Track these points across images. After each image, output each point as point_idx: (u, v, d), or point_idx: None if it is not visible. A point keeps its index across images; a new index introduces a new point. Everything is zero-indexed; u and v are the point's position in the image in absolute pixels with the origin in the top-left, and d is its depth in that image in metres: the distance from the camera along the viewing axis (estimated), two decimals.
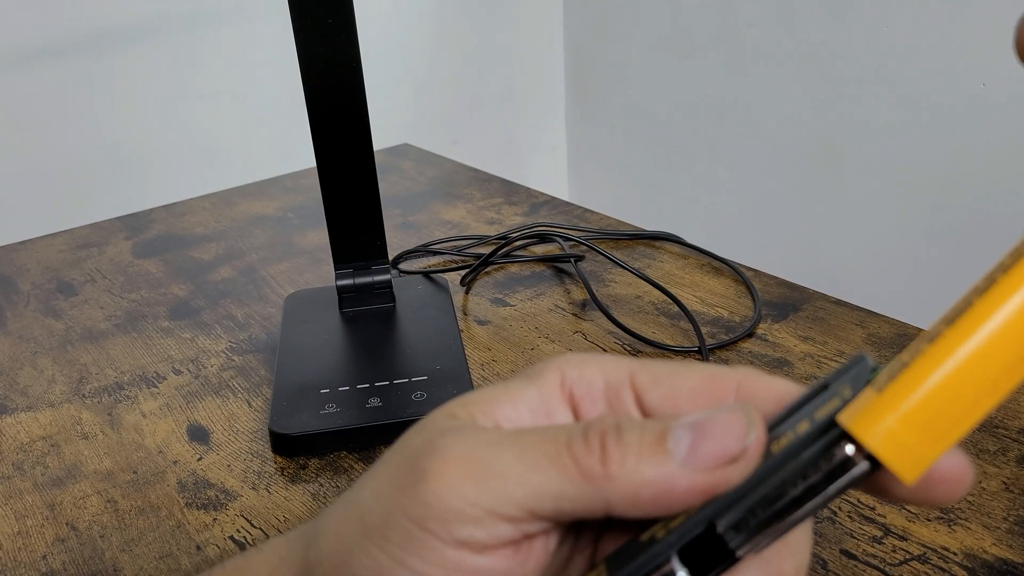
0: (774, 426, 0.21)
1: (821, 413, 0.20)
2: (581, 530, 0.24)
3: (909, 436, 0.19)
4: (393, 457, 0.23)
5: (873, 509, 0.41)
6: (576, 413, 0.24)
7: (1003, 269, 0.18)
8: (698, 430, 0.21)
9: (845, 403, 0.20)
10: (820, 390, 0.21)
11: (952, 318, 0.19)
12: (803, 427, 0.21)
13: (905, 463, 0.19)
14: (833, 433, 0.20)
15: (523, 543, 0.22)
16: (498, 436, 0.22)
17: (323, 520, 0.24)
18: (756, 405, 0.22)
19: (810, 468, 0.20)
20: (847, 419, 0.19)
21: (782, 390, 0.23)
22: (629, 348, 0.56)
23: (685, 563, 0.21)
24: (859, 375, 0.21)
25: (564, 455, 0.21)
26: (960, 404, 0.19)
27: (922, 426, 0.19)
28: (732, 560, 0.21)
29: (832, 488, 0.20)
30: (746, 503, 0.20)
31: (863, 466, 0.19)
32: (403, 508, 0.21)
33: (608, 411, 0.24)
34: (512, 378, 0.25)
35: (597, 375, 0.24)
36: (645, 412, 0.24)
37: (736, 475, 0.21)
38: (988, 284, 0.18)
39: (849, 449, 0.19)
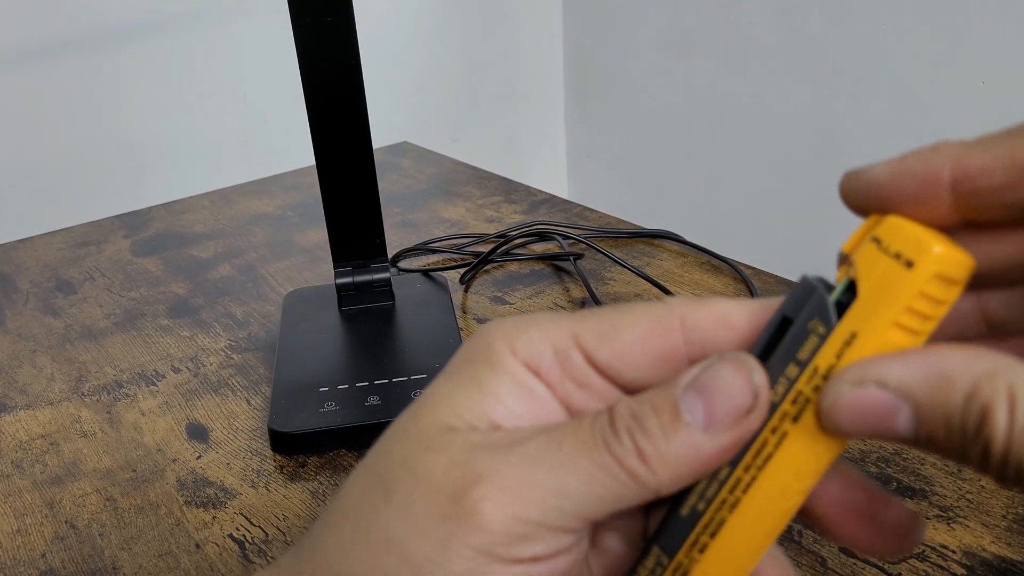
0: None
1: (803, 353, 0.21)
2: None
3: None
4: (415, 486, 0.22)
5: None
6: (543, 382, 0.24)
7: (743, 488, 0.22)
8: (706, 393, 0.21)
9: (823, 340, 0.21)
10: (783, 323, 0.22)
11: (713, 531, 0.22)
12: (794, 371, 0.21)
13: None
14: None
15: (577, 541, 0.23)
16: (537, 449, 0.22)
17: (337, 564, 0.23)
18: (703, 334, 0.23)
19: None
20: None
21: (722, 310, 0.23)
22: None
23: None
24: (819, 305, 0.21)
25: (610, 461, 0.21)
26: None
27: None
28: None
29: None
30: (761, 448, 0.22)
31: None
32: (461, 539, 0.21)
33: (563, 375, 0.24)
34: (465, 368, 0.24)
35: (543, 343, 0.24)
36: (597, 368, 0.24)
37: (755, 422, 0.22)
38: (734, 501, 0.22)
39: None
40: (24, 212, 0.96)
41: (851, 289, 0.21)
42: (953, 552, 0.38)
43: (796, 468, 0.21)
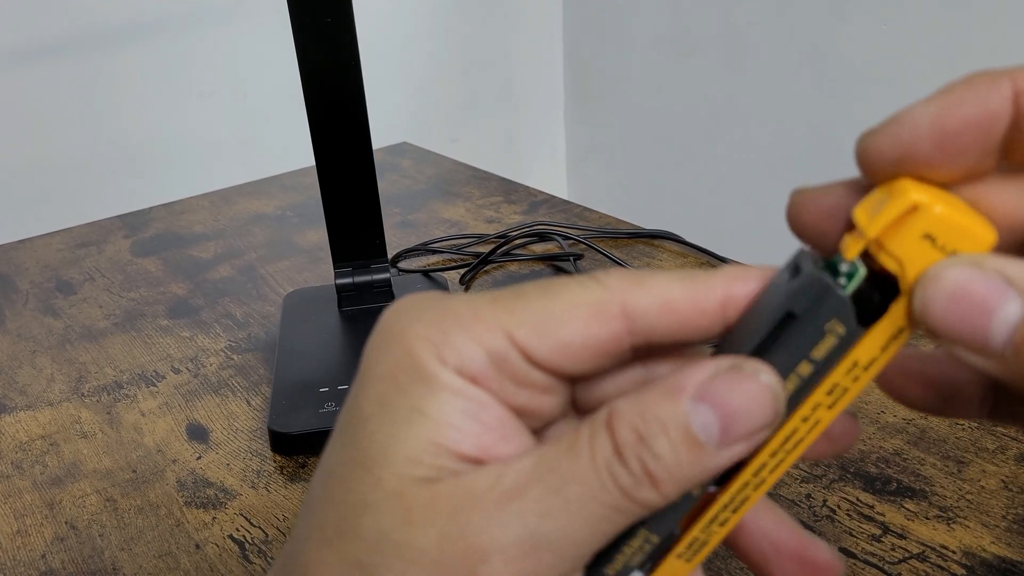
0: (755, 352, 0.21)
1: (818, 353, 0.20)
2: None
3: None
4: (406, 569, 0.20)
5: (872, 507, 0.41)
6: (482, 388, 0.22)
7: (770, 469, 0.21)
8: (720, 408, 0.20)
9: (842, 340, 0.20)
10: (785, 318, 0.21)
11: (736, 507, 0.22)
12: (807, 369, 0.21)
13: None
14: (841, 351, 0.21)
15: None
16: (538, 505, 0.20)
17: None
18: (646, 322, 0.21)
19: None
20: None
21: (663, 295, 0.21)
22: None
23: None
24: (833, 303, 0.20)
25: (620, 499, 0.20)
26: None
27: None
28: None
29: None
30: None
31: None
32: None
33: (501, 377, 0.21)
34: (390, 395, 0.21)
35: (473, 347, 0.21)
36: (538, 365, 0.21)
37: (768, 435, 0.21)
38: (760, 481, 0.22)
39: None
40: (24, 212, 0.96)
41: (874, 282, 0.20)
42: (953, 552, 0.38)
43: None
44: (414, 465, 0.20)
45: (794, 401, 0.21)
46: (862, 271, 0.20)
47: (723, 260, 0.66)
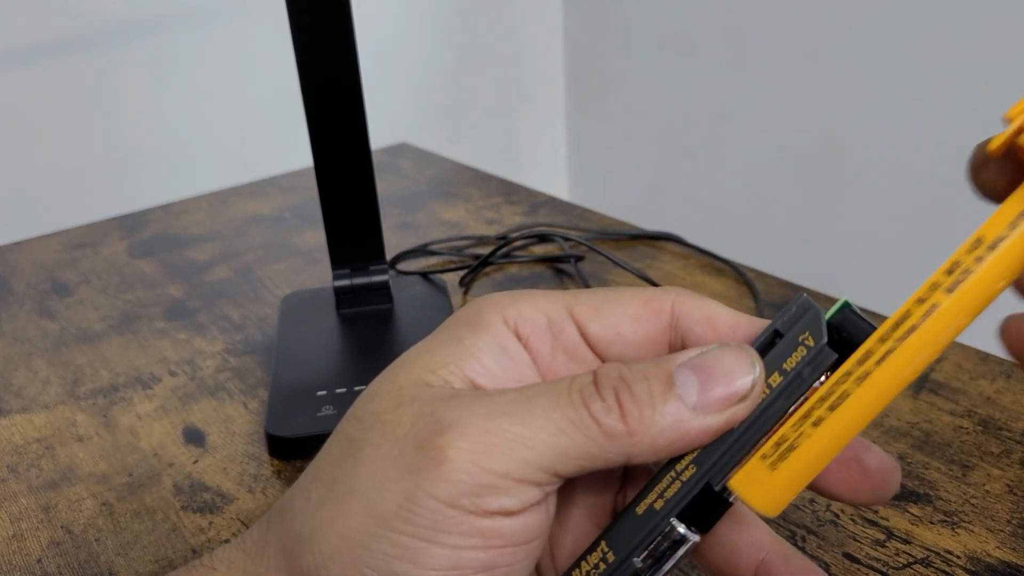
0: None
1: (789, 364, 0.22)
2: None
3: (783, 495, 0.22)
4: (383, 440, 0.22)
5: (876, 512, 0.41)
6: (529, 351, 0.24)
7: (876, 360, 0.20)
8: (703, 373, 0.21)
9: (810, 351, 0.21)
10: (773, 337, 0.22)
11: (834, 403, 0.21)
12: (776, 380, 0.22)
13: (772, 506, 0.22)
14: (802, 388, 0.22)
15: (545, 497, 0.23)
16: (507, 402, 0.21)
17: (301, 524, 0.22)
18: (689, 325, 0.24)
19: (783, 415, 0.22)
20: (746, 491, 0.22)
21: (710, 310, 0.24)
22: None
23: (683, 520, 0.22)
24: (811, 320, 0.22)
25: (586, 417, 0.21)
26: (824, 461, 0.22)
27: (796, 484, 0.22)
28: (728, 505, 0.22)
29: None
30: (736, 457, 0.22)
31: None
32: (426, 490, 0.21)
33: (555, 345, 0.24)
34: (448, 329, 0.24)
35: (537, 312, 0.24)
36: (588, 341, 0.24)
37: (743, 412, 0.22)
38: (864, 374, 0.21)
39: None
40: (19, 214, 0.96)
41: (846, 312, 0.21)
42: (958, 557, 0.38)
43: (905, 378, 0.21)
44: (428, 372, 0.23)
45: (763, 408, 0.22)
46: (843, 300, 0.22)
47: (725, 262, 0.65)
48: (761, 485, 0.21)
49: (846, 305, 0.22)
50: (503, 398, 0.22)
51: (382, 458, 0.22)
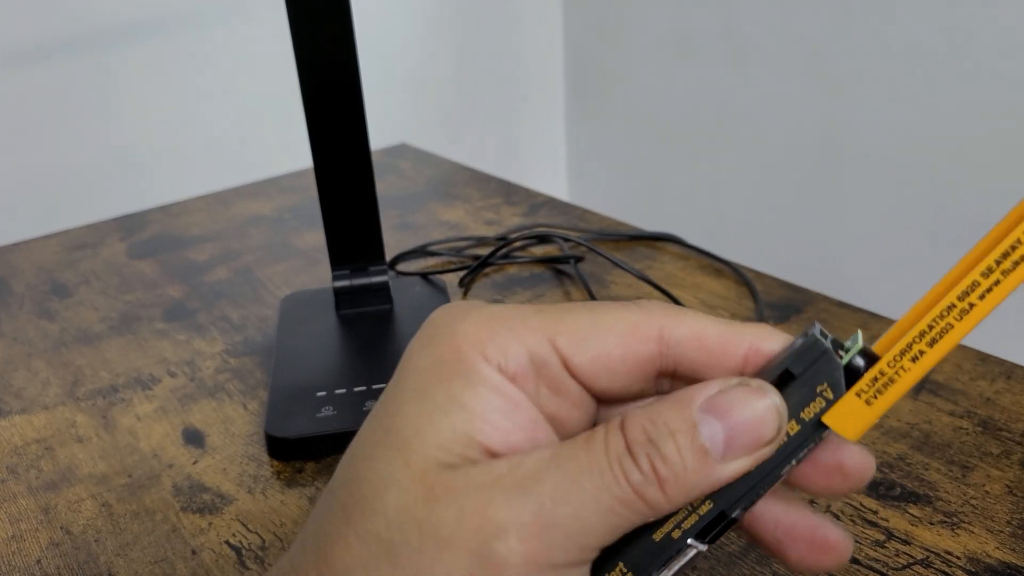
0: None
1: (808, 414, 0.22)
2: None
3: (870, 422, 0.23)
4: (423, 543, 0.20)
5: (876, 513, 0.41)
6: (520, 388, 0.23)
7: (980, 294, 0.21)
8: (726, 419, 0.21)
9: (830, 404, 0.22)
10: (786, 377, 0.23)
11: (934, 338, 0.21)
12: (793, 428, 0.23)
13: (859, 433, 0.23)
14: (820, 431, 0.23)
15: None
16: (554, 488, 0.21)
17: None
18: (679, 350, 0.23)
19: (802, 458, 0.23)
20: (839, 425, 0.23)
21: (696, 327, 0.23)
22: None
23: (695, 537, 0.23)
24: (826, 368, 0.22)
25: (630, 493, 0.21)
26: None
27: (881, 412, 0.23)
28: (733, 521, 0.23)
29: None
30: (753, 492, 0.23)
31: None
32: None
33: (538, 381, 0.23)
34: (438, 387, 0.22)
35: (519, 348, 0.23)
36: (573, 373, 0.23)
37: (768, 454, 0.22)
38: (967, 307, 0.21)
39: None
40: (19, 215, 0.96)
41: (865, 356, 0.22)
42: (957, 558, 0.38)
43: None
44: (443, 452, 0.21)
45: (783, 452, 0.22)
46: (860, 344, 0.23)
47: (725, 262, 0.65)
48: (854, 417, 0.22)
49: (861, 350, 0.23)
50: (549, 484, 0.20)
51: (427, 564, 0.20)
